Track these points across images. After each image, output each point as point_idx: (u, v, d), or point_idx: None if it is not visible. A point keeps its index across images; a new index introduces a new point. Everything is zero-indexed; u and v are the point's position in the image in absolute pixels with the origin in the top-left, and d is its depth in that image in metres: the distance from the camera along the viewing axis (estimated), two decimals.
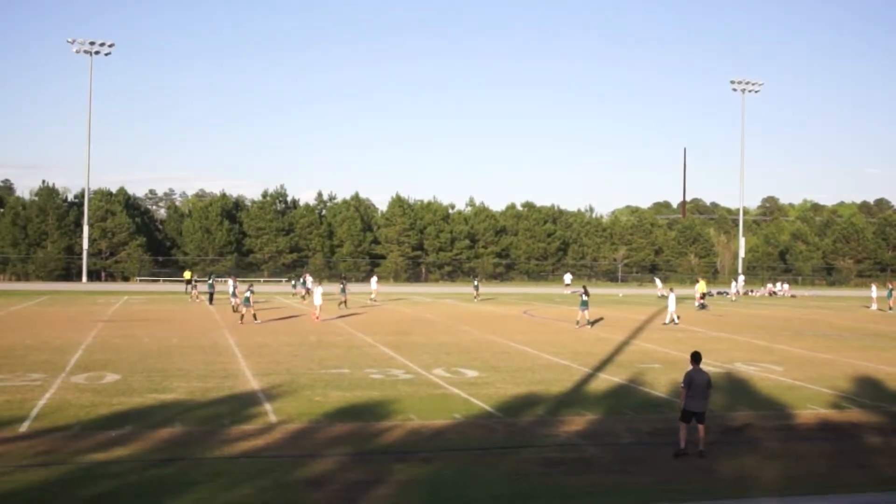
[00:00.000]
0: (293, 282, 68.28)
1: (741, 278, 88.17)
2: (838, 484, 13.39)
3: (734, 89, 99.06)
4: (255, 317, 38.97)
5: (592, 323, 40.04)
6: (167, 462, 13.76)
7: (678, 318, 42.04)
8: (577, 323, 38.84)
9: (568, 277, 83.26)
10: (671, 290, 46.01)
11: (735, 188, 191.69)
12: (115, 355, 26.28)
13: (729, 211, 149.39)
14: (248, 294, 39.46)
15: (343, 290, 49.36)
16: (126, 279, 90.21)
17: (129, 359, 25.54)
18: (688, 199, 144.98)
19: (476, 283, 64.61)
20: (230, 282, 49.17)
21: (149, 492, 12.21)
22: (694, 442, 14.82)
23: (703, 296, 55.47)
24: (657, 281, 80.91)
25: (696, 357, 15.38)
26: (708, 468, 14.06)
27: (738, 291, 75.49)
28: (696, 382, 14.93)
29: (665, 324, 40.81)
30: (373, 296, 57.37)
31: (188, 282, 69.11)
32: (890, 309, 55.78)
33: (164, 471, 13.27)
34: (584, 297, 38.88)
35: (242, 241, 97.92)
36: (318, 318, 40.58)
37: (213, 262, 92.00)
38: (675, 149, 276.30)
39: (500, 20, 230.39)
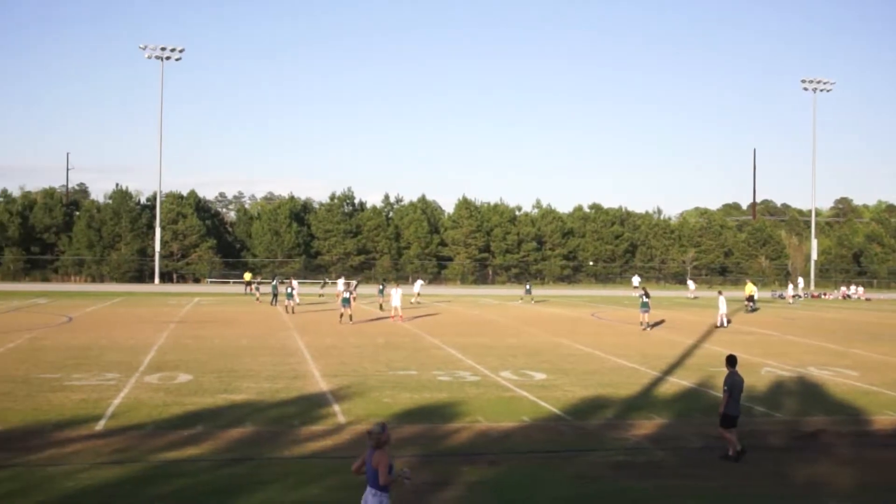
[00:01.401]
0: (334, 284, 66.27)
1: (800, 281, 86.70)
2: None
3: (805, 88, 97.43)
4: (350, 317, 39.56)
5: (653, 325, 39.80)
6: (238, 461, 13.94)
7: (728, 321, 41.49)
8: (641, 325, 38.57)
9: (636, 280, 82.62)
10: (720, 292, 45.06)
11: (807, 189, 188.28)
12: (186, 356, 26.69)
13: (801, 212, 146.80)
14: (346, 295, 40.47)
15: (381, 292, 50.20)
16: (197, 281, 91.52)
17: (201, 359, 25.92)
18: (758, 200, 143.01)
19: (528, 286, 64.23)
20: (293, 282, 50.04)
21: (220, 490, 12.37)
22: (725, 447, 14.69)
23: (751, 298, 54.27)
24: (634, 280, 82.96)
25: (731, 360, 15.20)
26: (780, 473, 13.84)
27: (796, 294, 73.82)
28: (738, 386, 14.78)
29: (717, 326, 40.26)
30: (414, 299, 57.06)
31: (248, 283, 70.33)
32: None
33: (234, 470, 13.44)
34: (645, 299, 38.57)
35: (310, 243, 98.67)
36: (402, 318, 41.29)
37: (281, 265, 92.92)
38: (745, 149, 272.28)
39: (575, 20, 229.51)
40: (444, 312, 48.72)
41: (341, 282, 56.61)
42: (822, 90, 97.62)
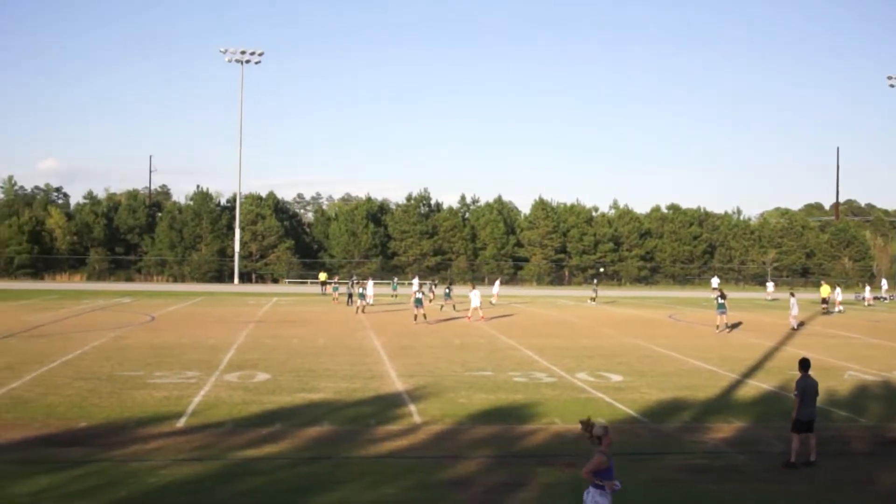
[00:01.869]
0: (347, 283, 60.54)
1: (883, 283, 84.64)
2: None
3: (891, 86, 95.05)
4: (424, 317, 40.01)
5: (731, 327, 39.10)
6: (315, 460, 14.09)
7: (801, 323, 40.71)
8: (718, 327, 38.02)
9: (715, 281, 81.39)
10: (792, 293, 44.05)
11: (892, 188, 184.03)
12: (265, 355, 27.05)
13: (886, 212, 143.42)
14: (419, 295, 41.08)
15: (448, 294, 50.46)
16: (275, 281, 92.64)
17: (279, 358, 26.25)
18: (841, 200, 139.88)
19: (594, 284, 63.60)
20: (369, 283, 50.43)
21: (297, 488, 12.53)
22: (805, 452, 14.33)
23: (825, 300, 53.11)
24: (713, 281, 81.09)
25: (805, 364, 14.88)
26: (863, 480, 13.55)
27: (878, 296, 71.71)
28: (809, 390, 14.47)
29: (793, 329, 39.46)
30: (493, 299, 56.75)
31: (324, 283, 70.99)
32: None
33: (311, 468, 13.59)
34: (721, 301, 37.97)
35: (387, 243, 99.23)
36: (483, 318, 41.55)
37: (358, 265, 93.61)
38: (829, 148, 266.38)
39: (641, 21, 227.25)
40: (519, 313, 48.60)
41: (416, 282, 56.77)
42: None
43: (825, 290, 53.93)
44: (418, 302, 40.05)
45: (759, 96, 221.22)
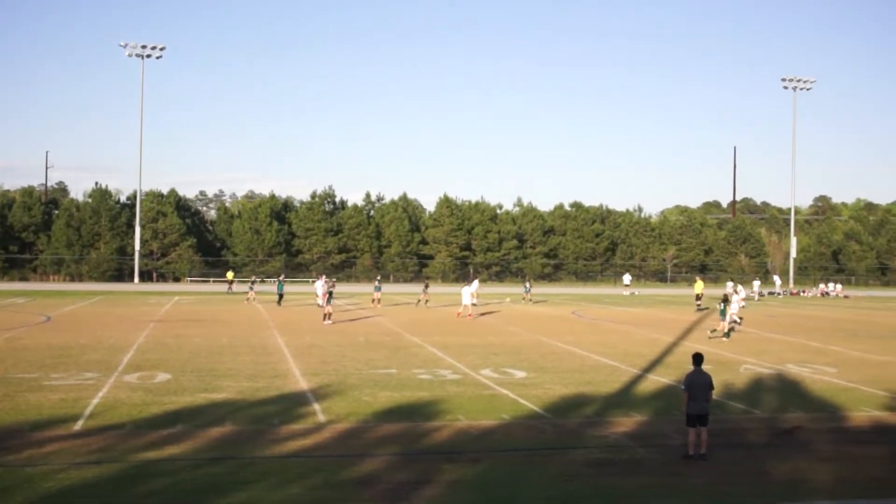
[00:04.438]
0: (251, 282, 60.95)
1: (776, 279, 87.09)
2: (892, 487, 13.18)
3: (785, 87, 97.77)
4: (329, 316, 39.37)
5: (711, 332, 35.40)
6: (218, 461, 13.89)
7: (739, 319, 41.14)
8: (716, 332, 34.96)
9: (627, 278, 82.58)
10: (735, 290, 44.60)
11: (786, 187, 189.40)
12: (166, 355, 26.58)
13: (780, 210, 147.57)
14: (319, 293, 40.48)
15: (377, 289, 50.65)
16: (177, 280, 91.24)
17: (180, 358, 25.83)
18: (738, 198, 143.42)
19: (527, 284, 63.85)
20: (319, 283, 50.13)
21: (200, 490, 12.33)
22: (699, 445, 14.60)
23: (699, 297, 53.22)
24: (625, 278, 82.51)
25: (697, 358, 15.20)
26: (760, 471, 13.91)
27: (767, 291, 72.85)
28: (697, 385, 14.71)
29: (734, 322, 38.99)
30: (474, 300, 57.06)
31: (231, 282, 70.00)
32: None
33: (215, 469, 13.40)
34: (722, 307, 35.45)
35: (291, 241, 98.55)
36: (471, 316, 42.05)
37: (262, 263, 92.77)
38: (725, 148, 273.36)
39: (558, 19, 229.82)
40: (424, 311, 48.70)
41: (321, 281, 55.15)
42: (801, 88, 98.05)
43: (699, 286, 54.51)
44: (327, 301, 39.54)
45: (659, 96, 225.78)
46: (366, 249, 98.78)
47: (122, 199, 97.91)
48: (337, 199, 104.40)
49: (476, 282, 61.79)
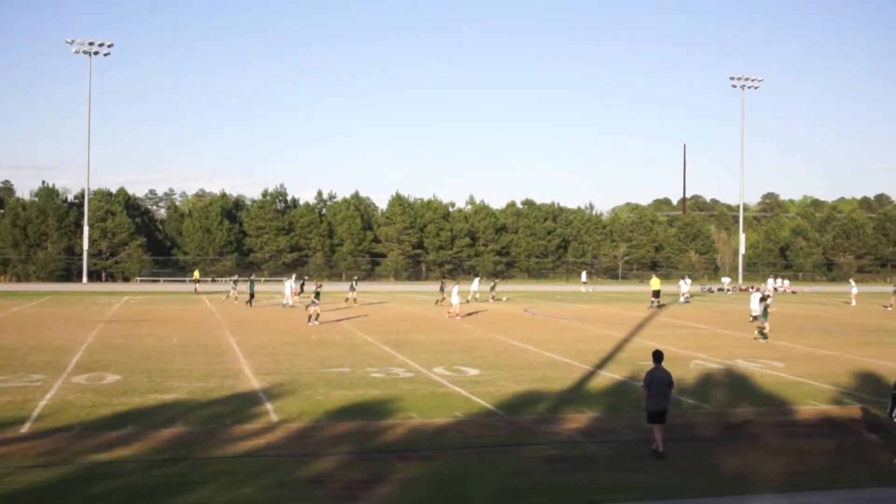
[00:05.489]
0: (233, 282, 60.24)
1: (726, 279, 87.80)
2: (839, 479, 13.40)
3: (734, 86, 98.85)
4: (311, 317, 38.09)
5: (764, 335, 32.99)
6: (169, 462, 13.77)
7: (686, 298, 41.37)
8: (762, 333, 33.13)
9: (584, 275, 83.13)
10: (683, 277, 44.65)
11: (735, 184, 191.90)
12: (115, 356, 26.27)
13: (729, 207, 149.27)
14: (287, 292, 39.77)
15: (442, 290, 51.03)
16: (126, 279, 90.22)
17: (130, 359, 25.55)
18: (688, 195, 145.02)
19: (493, 283, 63.00)
20: (289, 283, 49.64)
21: (151, 491, 12.21)
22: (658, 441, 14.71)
23: (656, 293, 53.45)
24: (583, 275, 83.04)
25: (657, 355, 15.29)
26: (710, 465, 14.07)
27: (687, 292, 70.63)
28: (657, 381, 14.80)
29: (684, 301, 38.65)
30: (470, 297, 58.25)
31: (197, 281, 70.00)
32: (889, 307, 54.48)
33: (166, 471, 13.28)
34: (764, 307, 34.46)
35: (243, 240, 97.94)
36: (458, 315, 41.88)
37: (213, 262, 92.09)
38: (676, 146, 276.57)
39: (499, 17, 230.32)
40: (378, 310, 48.62)
41: (290, 282, 53.64)
42: (750, 87, 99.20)
43: (655, 282, 54.78)
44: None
45: (610, 94, 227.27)
46: (318, 248, 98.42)
47: (70, 198, 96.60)
48: (289, 198, 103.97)
49: (476, 280, 62.74)
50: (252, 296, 50.95)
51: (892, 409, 14.70)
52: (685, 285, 60.62)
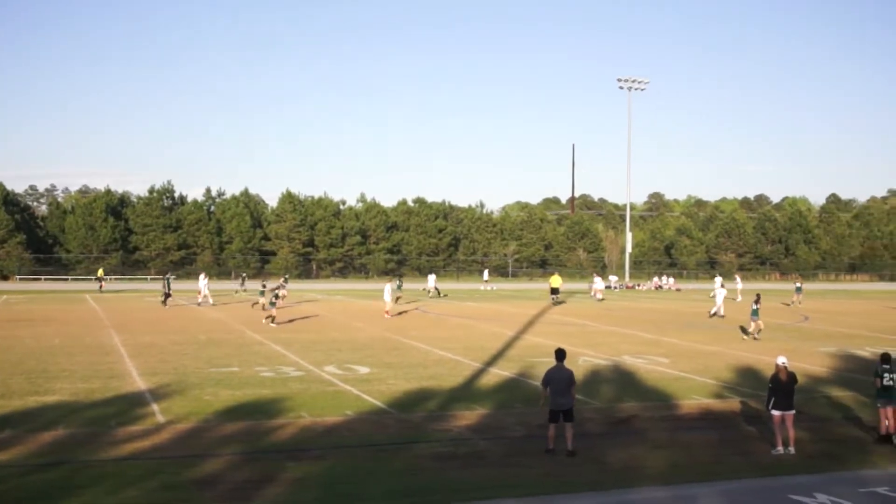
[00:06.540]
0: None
1: (613, 277, 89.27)
2: (721, 471, 13.78)
3: (621, 87, 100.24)
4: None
5: (756, 333, 33.44)
6: (50, 466, 13.38)
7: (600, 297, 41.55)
8: (751, 334, 33.61)
9: (486, 273, 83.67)
10: (595, 273, 45.40)
11: (622, 184, 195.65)
12: None
13: (616, 206, 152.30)
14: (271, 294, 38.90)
15: (399, 287, 50.49)
16: (5, 278, 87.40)
17: (9, 360, 24.74)
18: (576, 195, 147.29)
19: (399, 282, 62.76)
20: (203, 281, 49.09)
21: (30, 497, 11.85)
22: (563, 440, 14.75)
23: (556, 290, 53.91)
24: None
25: (559, 354, 15.44)
26: (597, 459, 14.31)
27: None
28: (557, 380, 14.91)
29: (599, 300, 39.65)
30: (430, 293, 59.12)
31: (100, 279, 68.71)
32: (791, 304, 55.66)
33: (46, 475, 12.89)
34: (755, 306, 34.37)
35: (128, 238, 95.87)
36: (388, 314, 41.50)
37: (97, 261, 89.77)
38: (565, 145, 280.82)
39: (391, 15, 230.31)
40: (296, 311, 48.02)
41: (205, 280, 51.75)
42: (636, 89, 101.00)
43: (556, 280, 55.40)
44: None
45: (501, 93, 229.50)
46: (206, 245, 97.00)
47: None
48: (176, 195, 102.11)
49: (432, 276, 63.63)
50: (168, 295, 47.98)
51: (769, 402, 15.17)
52: (599, 283, 62.13)
